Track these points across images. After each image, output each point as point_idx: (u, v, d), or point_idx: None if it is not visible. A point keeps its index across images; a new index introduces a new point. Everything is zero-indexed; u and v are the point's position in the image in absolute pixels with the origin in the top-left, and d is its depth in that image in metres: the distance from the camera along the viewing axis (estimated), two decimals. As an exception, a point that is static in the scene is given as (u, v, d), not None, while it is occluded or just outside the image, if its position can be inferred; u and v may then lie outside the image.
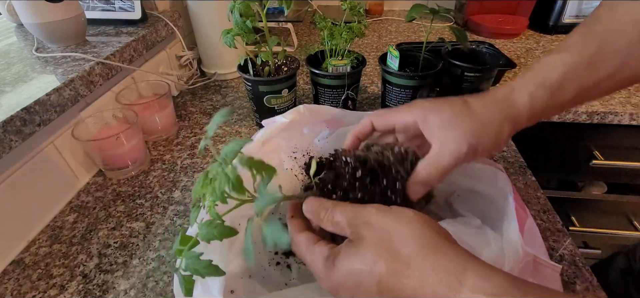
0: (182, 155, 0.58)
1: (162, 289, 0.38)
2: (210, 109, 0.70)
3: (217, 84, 0.80)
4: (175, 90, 0.76)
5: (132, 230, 0.45)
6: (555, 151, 0.79)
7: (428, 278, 0.21)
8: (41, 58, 0.55)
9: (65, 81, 0.47)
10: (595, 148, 0.76)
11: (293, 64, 0.60)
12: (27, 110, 0.41)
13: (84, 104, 0.54)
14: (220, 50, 0.79)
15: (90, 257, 0.42)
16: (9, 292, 0.38)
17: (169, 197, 0.50)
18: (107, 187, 0.52)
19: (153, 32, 0.67)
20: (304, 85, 0.78)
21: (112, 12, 0.68)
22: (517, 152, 0.56)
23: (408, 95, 0.58)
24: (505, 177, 0.37)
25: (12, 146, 0.40)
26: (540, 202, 0.47)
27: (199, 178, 0.26)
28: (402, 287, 0.22)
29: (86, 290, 0.38)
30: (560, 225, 0.43)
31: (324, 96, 0.61)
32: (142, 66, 0.69)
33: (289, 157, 0.46)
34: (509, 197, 0.34)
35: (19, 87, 0.46)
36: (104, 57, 0.54)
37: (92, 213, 0.48)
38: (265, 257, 0.38)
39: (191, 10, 0.75)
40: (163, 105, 0.60)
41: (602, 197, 0.93)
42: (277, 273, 0.36)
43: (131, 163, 0.53)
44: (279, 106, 0.59)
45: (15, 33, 0.68)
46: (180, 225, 0.45)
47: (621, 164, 0.77)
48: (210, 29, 0.76)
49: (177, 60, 0.81)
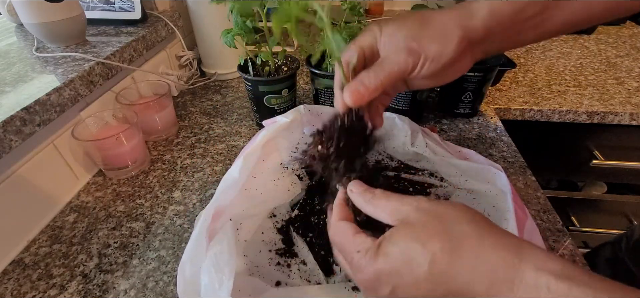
0: (182, 155, 0.58)
1: (162, 289, 0.38)
2: (210, 109, 0.70)
3: (217, 84, 0.80)
4: (175, 90, 0.76)
5: (132, 230, 0.45)
6: (555, 151, 0.79)
7: (487, 257, 0.20)
8: (41, 58, 0.55)
9: (65, 81, 0.47)
10: (595, 148, 0.76)
11: (293, 64, 0.60)
12: (27, 110, 0.41)
13: (84, 104, 0.54)
14: (220, 50, 0.79)
15: (90, 257, 0.42)
16: (9, 292, 0.38)
17: (169, 197, 0.50)
18: (107, 187, 0.52)
19: (153, 32, 0.67)
20: (304, 85, 0.78)
21: (112, 12, 0.68)
22: (517, 152, 0.56)
23: (408, 95, 0.58)
24: (505, 177, 0.37)
25: (12, 146, 0.40)
26: (540, 202, 0.47)
27: None
28: (458, 268, 0.21)
29: (86, 290, 0.38)
30: (560, 225, 0.43)
31: (324, 96, 0.61)
32: (142, 66, 0.69)
33: (289, 157, 0.46)
34: (508, 197, 0.34)
35: (19, 87, 0.46)
36: (104, 57, 0.54)
37: (92, 213, 0.48)
38: (265, 257, 0.38)
39: (191, 10, 0.75)
40: (163, 105, 0.60)
41: (602, 197, 0.93)
42: (277, 273, 0.36)
43: (131, 163, 0.53)
44: (279, 106, 0.59)
45: (15, 33, 0.68)
46: (180, 225, 0.45)
47: (621, 164, 0.77)
48: (210, 29, 0.76)
49: (177, 60, 0.81)
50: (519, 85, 0.76)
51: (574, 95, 0.71)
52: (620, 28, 1.05)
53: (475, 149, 0.52)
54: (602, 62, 0.85)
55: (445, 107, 0.65)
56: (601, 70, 0.80)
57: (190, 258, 0.31)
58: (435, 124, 0.63)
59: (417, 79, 0.30)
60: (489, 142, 0.58)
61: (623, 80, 0.76)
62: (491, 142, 0.58)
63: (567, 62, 0.85)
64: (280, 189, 0.43)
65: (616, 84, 0.75)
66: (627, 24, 1.08)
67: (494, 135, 0.60)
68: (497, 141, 0.58)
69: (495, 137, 0.59)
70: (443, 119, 0.64)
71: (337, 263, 0.37)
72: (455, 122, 0.63)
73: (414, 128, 0.46)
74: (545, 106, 0.68)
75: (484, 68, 0.58)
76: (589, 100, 0.69)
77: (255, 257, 0.37)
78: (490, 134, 0.60)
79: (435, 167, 0.46)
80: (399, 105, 0.60)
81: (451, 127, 0.62)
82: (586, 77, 0.78)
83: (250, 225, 0.40)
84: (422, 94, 0.59)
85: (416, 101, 0.59)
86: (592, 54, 0.89)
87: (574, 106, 0.67)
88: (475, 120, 0.64)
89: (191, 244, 0.31)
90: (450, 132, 0.61)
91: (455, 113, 0.64)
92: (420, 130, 0.46)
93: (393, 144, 0.48)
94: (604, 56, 0.88)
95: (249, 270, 0.36)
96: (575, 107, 0.67)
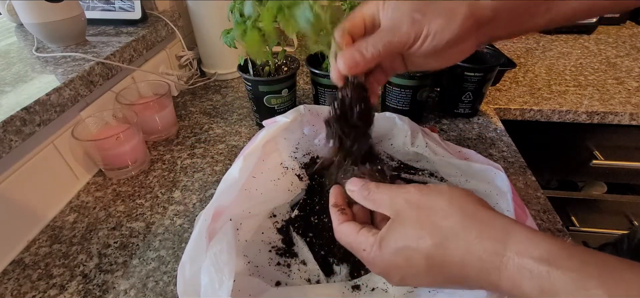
0: (182, 155, 0.58)
1: (162, 289, 0.38)
2: (210, 109, 0.70)
3: (217, 84, 0.80)
4: (175, 90, 0.76)
5: (132, 230, 0.45)
6: (555, 151, 0.79)
7: (473, 247, 0.22)
8: (41, 58, 0.55)
9: (65, 81, 0.47)
10: (595, 148, 0.76)
11: (293, 64, 0.60)
12: (27, 110, 0.41)
13: (84, 104, 0.54)
14: (220, 50, 0.79)
15: (90, 257, 0.42)
16: (9, 292, 0.38)
17: (169, 197, 0.50)
18: (107, 187, 0.52)
19: (153, 32, 0.67)
20: (304, 85, 0.78)
21: (112, 12, 0.68)
22: (517, 152, 0.56)
23: (408, 95, 0.58)
24: (505, 177, 0.37)
25: (12, 146, 0.40)
26: (540, 202, 0.47)
27: None
28: (450, 259, 0.22)
29: (86, 290, 0.38)
30: (560, 225, 0.43)
31: (324, 96, 0.61)
32: (142, 66, 0.69)
33: (289, 157, 0.46)
34: (508, 197, 0.34)
35: (19, 87, 0.46)
36: (104, 57, 0.54)
37: (92, 213, 0.48)
38: (265, 257, 0.38)
39: (191, 10, 0.75)
40: (163, 105, 0.60)
41: (602, 197, 0.93)
42: (277, 273, 0.36)
43: (131, 163, 0.53)
44: (279, 106, 0.59)
45: (15, 33, 0.68)
46: (180, 225, 0.45)
47: (621, 164, 0.77)
48: (210, 29, 0.76)
49: (177, 60, 0.81)
50: (519, 85, 0.76)
51: (574, 95, 0.71)
52: (620, 28, 1.05)
53: (475, 149, 0.52)
54: (602, 62, 0.85)
55: (445, 107, 0.65)
56: (601, 70, 0.80)
57: (190, 258, 0.31)
58: (435, 123, 0.63)
59: (416, 55, 0.29)
60: (489, 142, 0.58)
61: (623, 80, 0.76)
62: (491, 142, 0.58)
63: (567, 62, 0.85)
64: (280, 189, 0.43)
65: (616, 84, 0.75)
66: (627, 24, 1.08)
67: (494, 135, 0.60)
68: (497, 141, 0.58)
69: (495, 137, 0.59)
70: (443, 119, 0.64)
71: (337, 263, 0.37)
72: (455, 122, 0.63)
73: (414, 128, 0.46)
74: (545, 106, 0.68)
75: (484, 68, 0.58)
76: (589, 100, 0.69)
77: (255, 257, 0.37)
78: (490, 134, 0.60)
79: (435, 167, 0.46)
80: (399, 105, 0.60)
81: (451, 127, 0.62)
82: (586, 77, 0.78)
83: (250, 225, 0.40)
84: (422, 93, 0.59)
85: (416, 101, 0.59)
86: (592, 54, 0.89)
87: (574, 106, 0.67)
88: (475, 120, 0.64)
89: (191, 244, 0.31)
90: (450, 132, 0.61)
91: (455, 113, 0.64)
92: (420, 130, 0.45)
93: (393, 143, 0.48)
94: (604, 56, 0.88)
95: (249, 270, 0.36)
96: (575, 107, 0.67)
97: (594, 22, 1.00)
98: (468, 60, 0.62)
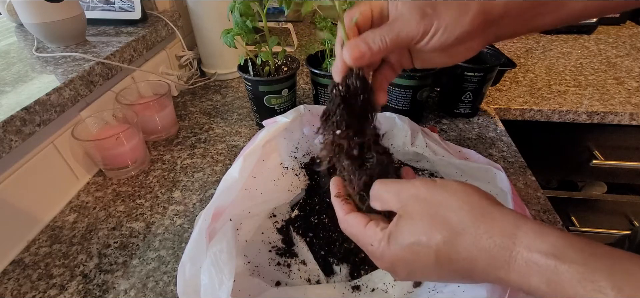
0: (182, 155, 0.58)
1: (162, 289, 0.38)
2: (210, 109, 0.70)
3: (217, 84, 0.80)
4: (175, 90, 0.76)
5: (132, 230, 0.45)
6: (555, 151, 0.79)
7: (483, 243, 0.22)
8: (41, 58, 0.55)
9: (65, 81, 0.47)
10: (595, 148, 0.76)
11: (293, 64, 0.60)
12: (27, 110, 0.41)
13: (84, 104, 0.54)
14: (220, 50, 0.79)
15: (90, 257, 0.42)
16: (9, 292, 0.38)
17: (169, 197, 0.50)
18: (107, 187, 0.52)
19: (153, 32, 0.67)
20: (304, 85, 0.78)
21: (112, 12, 0.68)
22: (517, 152, 0.56)
23: (408, 95, 0.58)
24: (505, 177, 0.37)
25: (12, 146, 0.40)
26: (540, 202, 0.47)
27: None
28: (459, 254, 0.22)
29: (86, 290, 0.38)
30: (560, 225, 0.43)
31: (324, 96, 0.61)
32: (142, 66, 0.69)
33: (289, 157, 0.46)
34: (508, 197, 0.34)
35: (19, 87, 0.46)
36: (104, 57, 0.54)
37: (92, 213, 0.48)
38: (265, 257, 0.38)
39: (191, 10, 0.75)
40: (163, 105, 0.60)
41: (602, 197, 0.93)
42: (277, 273, 0.36)
43: (131, 163, 0.53)
44: (279, 106, 0.59)
45: (15, 33, 0.68)
46: (180, 225, 0.45)
47: (621, 164, 0.77)
48: (210, 29, 0.76)
49: (177, 60, 0.81)
50: (519, 85, 0.76)
51: (574, 95, 0.71)
52: (620, 28, 1.05)
53: (475, 149, 0.52)
54: (602, 62, 0.85)
55: (445, 107, 0.65)
56: (601, 70, 0.80)
57: (190, 258, 0.31)
58: (435, 123, 0.63)
59: (425, 50, 0.29)
60: (489, 142, 0.58)
61: (623, 80, 0.76)
62: (491, 142, 0.58)
63: (567, 62, 0.85)
64: (280, 189, 0.43)
65: (616, 84, 0.75)
66: (627, 23, 1.08)
67: (494, 135, 0.60)
68: (497, 141, 0.58)
69: (495, 137, 0.59)
70: (443, 119, 0.64)
71: (337, 263, 0.37)
72: (455, 122, 0.63)
73: (414, 128, 0.46)
74: (545, 106, 0.68)
75: (484, 68, 0.58)
76: (589, 100, 0.69)
77: (255, 257, 0.37)
78: (490, 134, 0.60)
79: (436, 167, 0.46)
80: (399, 105, 0.60)
81: (451, 127, 0.62)
82: (586, 77, 0.78)
83: (250, 225, 0.40)
84: (422, 93, 0.59)
85: (416, 101, 0.59)
86: (592, 54, 0.89)
87: (574, 106, 0.67)
88: (475, 120, 0.64)
89: (191, 244, 0.31)
90: (450, 132, 0.61)
91: (455, 113, 0.64)
92: (421, 130, 0.46)
93: (393, 143, 0.48)
94: (604, 56, 0.88)
95: (249, 270, 0.36)
96: (575, 107, 0.67)
97: (594, 22, 1.00)
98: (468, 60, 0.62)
